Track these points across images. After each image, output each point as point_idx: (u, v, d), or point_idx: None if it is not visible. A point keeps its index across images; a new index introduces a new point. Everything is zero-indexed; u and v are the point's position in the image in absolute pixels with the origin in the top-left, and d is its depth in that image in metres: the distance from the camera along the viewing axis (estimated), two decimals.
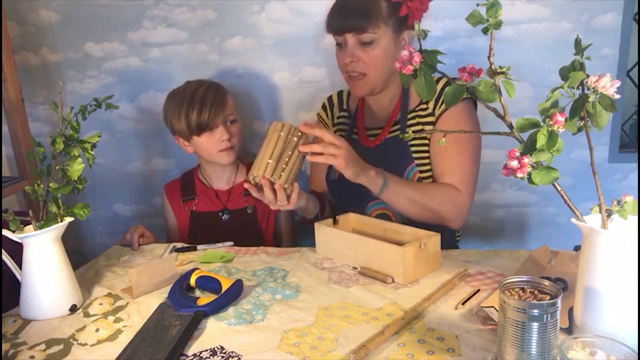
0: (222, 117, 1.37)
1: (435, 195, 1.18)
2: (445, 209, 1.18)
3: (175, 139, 1.45)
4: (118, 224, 1.87)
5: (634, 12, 1.48)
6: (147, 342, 0.83)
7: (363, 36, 1.16)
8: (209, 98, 1.35)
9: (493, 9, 0.69)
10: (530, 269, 0.98)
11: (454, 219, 1.20)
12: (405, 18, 1.17)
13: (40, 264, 0.95)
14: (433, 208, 1.17)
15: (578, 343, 0.63)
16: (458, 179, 1.20)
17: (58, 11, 1.67)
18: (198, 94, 1.35)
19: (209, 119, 1.34)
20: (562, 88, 0.68)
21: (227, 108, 1.39)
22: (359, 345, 0.77)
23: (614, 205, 0.72)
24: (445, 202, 1.18)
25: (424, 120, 1.24)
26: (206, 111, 1.33)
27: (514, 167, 0.67)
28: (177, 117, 1.36)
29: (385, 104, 1.31)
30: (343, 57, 1.21)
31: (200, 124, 1.34)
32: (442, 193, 1.18)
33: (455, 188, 1.19)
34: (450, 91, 0.73)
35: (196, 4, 1.61)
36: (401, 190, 1.15)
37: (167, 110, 1.41)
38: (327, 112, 1.45)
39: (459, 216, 1.20)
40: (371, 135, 1.32)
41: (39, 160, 0.98)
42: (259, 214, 1.49)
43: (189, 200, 1.50)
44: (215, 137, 1.37)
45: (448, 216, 1.19)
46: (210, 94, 1.36)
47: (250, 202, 1.48)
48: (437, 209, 1.18)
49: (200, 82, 1.41)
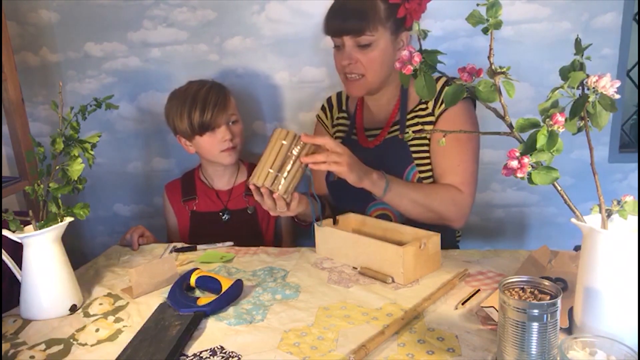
0: (225, 118, 1.37)
1: (437, 196, 1.18)
2: (448, 209, 1.18)
3: (177, 138, 1.45)
4: (118, 224, 1.87)
5: (634, 12, 1.48)
6: (147, 342, 0.83)
7: (361, 38, 1.16)
8: (211, 98, 1.35)
9: (493, 9, 0.69)
10: (530, 269, 0.98)
11: (456, 219, 1.20)
12: (403, 19, 1.17)
13: (40, 264, 0.95)
14: (435, 209, 1.18)
15: (578, 343, 0.63)
16: (459, 179, 1.20)
17: (58, 11, 1.67)
18: (201, 93, 1.35)
19: (212, 119, 1.34)
20: (562, 88, 0.68)
21: (230, 108, 1.40)
22: (359, 345, 0.77)
23: (614, 205, 0.72)
24: (447, 203, 1.18)
25: (424, 120, 1.24)
26: (209, 111, 1.33)
27: (514, 167, 0.67)
28: (180, 116, 1.36)
29: (383, 104, 1.31)
30: (341, 59, 1.21)
31: (203, 123, 1.34)
32: (444, 193, 1.19)
33: (457, 188, 1.19)
34: (450, 91, 0.73)
35: (196, 4, 1.61)
36: (404, 192, 1.16)
37: (169, 110, 1.41)
38: (327, 113, 1.45)
39: (461, 216, 1.20)
40: (370, 136, 1.32)
41: (39, 160, 0.98)
42: (259, 214, 1.49)
43: (189, 200, 1.50)
44: (217, 137, 1.37)
45: (450, 216, 1.19)
46: (212, 94, 1.36)
47: (250, 202, 1.48)
48: (439, 210, 1.18)
49: (203, 82, 1.41)
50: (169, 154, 1.78)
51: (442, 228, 1.16)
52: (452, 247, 1.33)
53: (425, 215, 1.19)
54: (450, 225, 1.22)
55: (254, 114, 1.69)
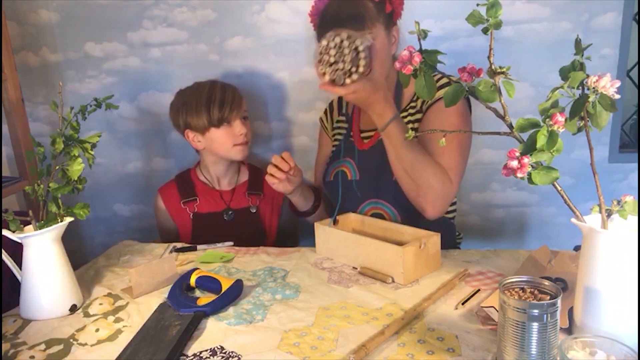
0: (240, 113, 1.43)
1: (432, 169, 1.11)
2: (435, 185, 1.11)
3: (185, 134, 1.45)
4: (118, 224, 1.87)
5: (634, 12, 1.48)
6: (147, 342, 0.83)
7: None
8: (228, 94, 1.41)
9: (493, 9, 0.69)
10: (530, 269, 0.98)
11: (432, 201, 1.12)
12: (391, 15, 1.19)
13: (40, 264, 0.95)
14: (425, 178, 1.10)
15: (578, 343, 0.63)
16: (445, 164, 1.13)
17: (58, 11, 1.67)
18: (216, 91, 1.40)
19: (229, 112, 1.39)
20: (562, 88, 0.68)
21: (243, 105, 1.45)
22: (359, 345, 0.77)
23: (614, 205, 0.72)
24: (437, 178, 1.11)
25: (414, 118, 1.24)
26: (227, 105, 1.39)
27: (514, 167, 0.67)
28: (196, 111, 1.39)
29: None
30: None
31: (222, 117, 1.39)
32: (439, 170, 1.12)
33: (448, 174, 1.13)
34: (450, 91, 0.74)
35: (196, 4, 1.61)
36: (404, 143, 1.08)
37: (179, 106, 1.43)
38: (327, 115, 1.48)
39: (439, 205, 1.13)
40: (365, 138, 1.33)
41: (39, 160, 0.98)
42: (262, 213, 1.50)
43: (189, 202, 1.49)
44: (234, 131, 1.41)
45: (430, 195, 1.11)
46: (228, 91, 1.42)
47: (253, 201, 1.49)
48: (428, 182, 1.10)
49: (214, 81, 1.45)
50: (169, 154, 1.78)
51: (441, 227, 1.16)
52: (454, 248, 1.33)
53: (410, 182, 1.11)
54: (423, 210, 1.14)
55: (254, 114, 1.69)
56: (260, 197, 1.51)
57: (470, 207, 1.67)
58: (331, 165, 1.37)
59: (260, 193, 1.51)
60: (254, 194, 1.51)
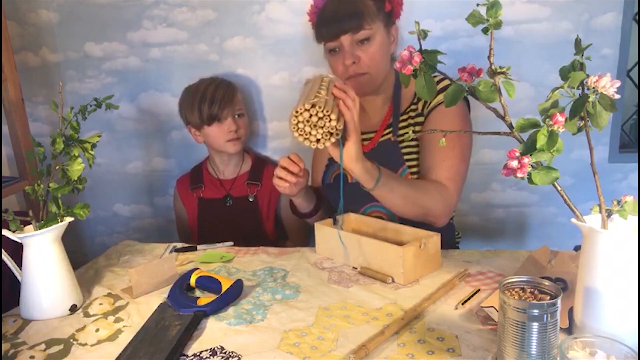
0: (231, 111, 1.50)
1: (426, 190, 1.14)
2: (435, 204, 1.14)
3: (188, 129, 1.56)
4: (118, 224, 1.87)
5: (634, 12, 1.48)
6: (147, 342, 0.83)
7: (360, 34, 1.17)
8: (219, 93, 1.48)
9: (493, 9, 0.69)
10: (530, 269, 0.98)
11: (442, 214, 1.16)
12: (391, 14, 1.20)
13: (40, 264, 0.95)
14: (424, 204, 1.13)
15: (578, 343, 0.63)
16: (445, 174, 1.16)
17: (58, 11, 1.67)
18: (210, 89, 1.48)
19: (218, 111, 1.47)
20: (562, 88, 0.68)
21: (236, 103, 1.52)
22: (359, 345, 0.77)
23: (614, 205, 0.72)
24: (435, 197, 1.14)
25: (415, 121, 1.24)
26: (216, 104, 1.47)
27: (514, 167, 0.67)
28: (191, 108, 1.49)
29: (378, 107, 1.32)
30: (340, 61, 1.21)
31: (211, 115, 1.47)
32: (432, 188, 1.15)
33: (442, 184, 1.16)
34: (450, 91, 0.73)
35: (196, 4, 1.61)
36: (394, 186, 1.10)
37: (181, 103, 1.54)
38: None
39: (447, 213, 1.17)
40: (365, 140, 1.32)
41: (39, 160, 0.98)
42: (260, 202, 1.57)
43: (196, 188, 1.61)
44: (224, 128, 1.49)
45: (436, 212, 1.15)
46: (220, 89, 1.49)
47: (251, 190, 1.58)
48: (428, 205, 1.13)
49: (213, 78, 1.53)
50: (169, 154, 1.78)
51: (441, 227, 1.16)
52: (452, 247, 1.33)
53: (413, 210, 1.14)
54: (434, 223, 1.17)
55: (254, 113, 1.69)
56: (258, 187, 1.58)
57: (470, 207, 1.67)
58: (331, 167, 1.36)
59: (258, 183, 1.58)
60: (252, 184, 1.58)
